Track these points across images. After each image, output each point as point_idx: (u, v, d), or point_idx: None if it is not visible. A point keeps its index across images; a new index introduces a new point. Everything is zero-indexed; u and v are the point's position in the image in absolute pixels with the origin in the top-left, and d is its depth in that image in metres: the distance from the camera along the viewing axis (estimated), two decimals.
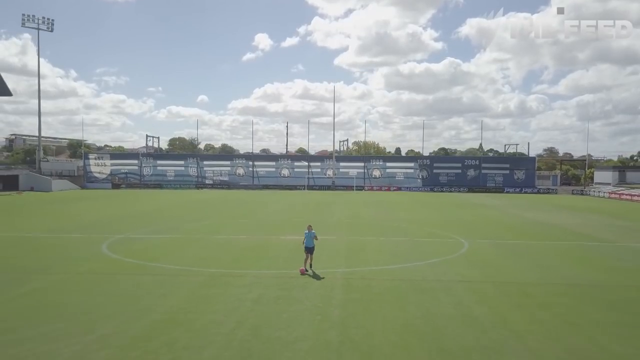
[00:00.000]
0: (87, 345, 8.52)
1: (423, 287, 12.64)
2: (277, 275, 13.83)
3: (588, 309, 10.95)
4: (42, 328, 9.38)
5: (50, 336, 8.92)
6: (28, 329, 9.34)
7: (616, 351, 8.51)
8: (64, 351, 8.23)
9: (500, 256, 17.39)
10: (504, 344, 8.76)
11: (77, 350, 8.29)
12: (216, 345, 8.54)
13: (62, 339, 8.76)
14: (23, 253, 17.44)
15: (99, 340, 8.73)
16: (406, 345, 8.66)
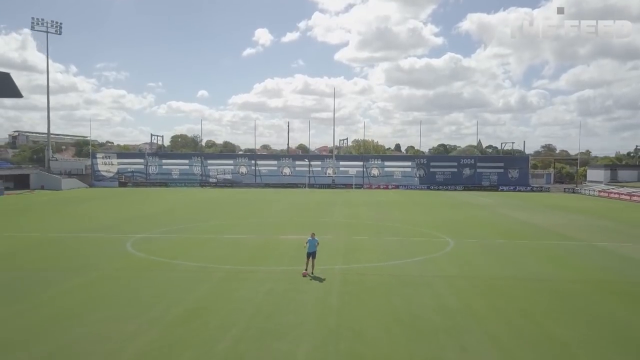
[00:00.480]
0: (139, 325, 10.92)
1: (407, 282, 15.03)
2: (285, 272, 16.20)
3: (540, 299, 13.34)
4: (100, 314, 11.77)
5: (108, 320, 11.31)
6: (90, 314, 11.73)
7: (554, 332, 10.88)
8: (123, 330, 10.63)
9: (478, 254, 19.78)
10: (465, 325, 11.14)
11: (133, 329, 10.69)
12: (240, 326, 10.93)
13: (119, 322, 11.15)
14: (60, 252, 19.82)
15: (148, 322, 11.13)
16: (389, 327, 11.04)
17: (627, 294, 14.09)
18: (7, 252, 19.68)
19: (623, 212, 39.98)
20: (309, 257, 15.64)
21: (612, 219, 33.84)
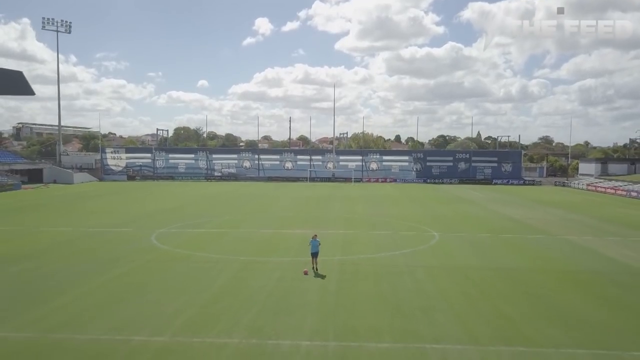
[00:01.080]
0: (177, 307, 13.87)
1: (394, 271, 17.98)
2: (291, 262, 19.15)
3: (501, 285, 16.30)
4: (142, 297, 14.73)
5: (150, 302, 14.26)
6: (135, 297, 14.70)
7: (505, 310, 13.81)
8: (165, 310, 13.56)
9: (458, 247, 22.74)
10: (438, 306, 14.09)
11: (173, 309, 13.63)
12: (258, 306, 13.88)
13: (160, 304, 14.11)
14: (96, 246, 22.77)
15: (184, 304, 14.09)
16: (376, 307, 13.99)
17: (575, 281, 17.03)
18: (48, 246, 22.63)
19: (602, 206, 42.89)
20: (312, 256, 17.72)
21: (588, 213, 36.75)
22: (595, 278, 17.46)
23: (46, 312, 13.35)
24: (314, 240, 17.91)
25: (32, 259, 19.77)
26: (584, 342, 11.47)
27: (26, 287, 15.82)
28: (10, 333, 11.87)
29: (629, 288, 16.25)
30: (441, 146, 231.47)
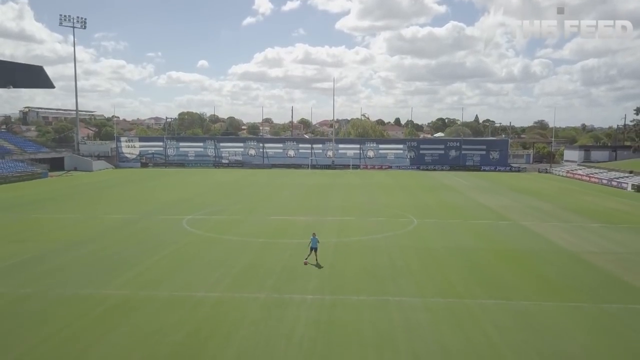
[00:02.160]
0: (219, 275, 19.61)
1: (375, 250, 23.72)
2: (298, 244, 24.83)
3: (454, 260, 22.02)
4: (189, 271, 20.46)
5: (196, 274, 19.99)
6: (183, 270, 20.43)
7: (450, 278, 19.52)
8: (209, 279, 19.27)
9: (430, 231, 28.47)
10: (403, 275, 19.82)
11: (217, 276, 19.37)
12: (276, 274, 19.59)
13: (204, 275, 19.84)
14: (140, 230, 28.51)
15: (223, 273, 19.83)
16: (358, 275, 19.72)
17: (511, 258, 22.75)
18: (102, 232, 28.33)
19: (570, 194, 48.55)
20: (311, 250, 20.94)
21: (552, 201, 42.37)
22: (528, 256, 23.18)
23: (129, 278, 19.13)
24: (313, 237, 21.40)
25: (96, 242, 25.49)
26: (494, 296, 17.23)
27: (105, 262, 21.57)
28: (111, 291, 17.63)
29: (549, 263, 21.96)
30: (440, 129, 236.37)
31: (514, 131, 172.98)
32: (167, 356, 12.66)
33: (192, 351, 12.91)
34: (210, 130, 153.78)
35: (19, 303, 16.50)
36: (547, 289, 18.20)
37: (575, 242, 25.97)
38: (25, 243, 25.21)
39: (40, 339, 13.55)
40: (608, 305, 16.39)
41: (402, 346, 13.21)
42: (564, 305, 16.44)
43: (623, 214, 36.59)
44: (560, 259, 22.56)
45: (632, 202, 43.64)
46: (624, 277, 19.62)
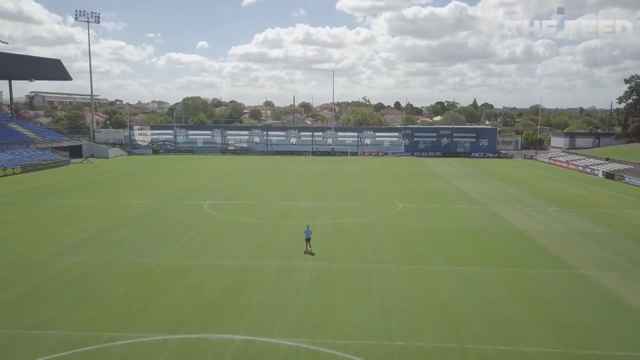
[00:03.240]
0: (242, 249, 25.49)
1: (363, 229, 29.54)
2: (301, 225, 30.60)
3: (425, 237, 27.85)
4: (217, 246, 26.36)
5: (223, 248, 25.89)
6: (212, 247, 26.33)
7: (418, 250, 25.39)
8: (233, 252, 25.15)
9: (411, 214, 34.27)
10: (382, 248, 25.67)
11: (240, 250, 25.25)
12: (286, 249, 25.45)
13: (230, 249, 25.72)
14: (170, 214, 34.31)
15: (245, 248, 25.71)
16: (348, 249, 25.57)
17: (471, 235, 28.54)
18: (137, 216, 34.11)
19: (545, 180, 54.23)
20: (306, 241, 24.66)
21: (525, 188, 48.04)
22: (485, 234, 28.99)
23: (173, 251, 25.01)
24: (307, 229, 24.87)
25: (137, 223, 31.35)
26: (449, 263, 23.07)
27: (150, 239, 27.43)
28: (162, 260, 23.49)
29: (499, 240, 27.76)
30: (439, 113, 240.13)
31: (510, 115, 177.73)
32: (212, 303, 18.52)
33: (229, 300, 18.79)
34: (214, 115, 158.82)
35: (95, 269, 22.37)
36: (490, 258, 24.08)
37: (527, 223, 31.80)
38: (79, 225, 31.05)
39: (117, 296, 19.43)
40: (530, 269, 22.23)
41: (376, 295, 19.10)
42: (499, 269, 22.30)
43: (582, 199, 42.33)
44: (509, 237, 28.41)
45: (597, 188, 49.34)
46: (551, 249, 25.48)
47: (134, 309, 17.76)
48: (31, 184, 48.75)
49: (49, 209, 36.18)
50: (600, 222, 32.57)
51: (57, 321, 16.65)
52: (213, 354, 14.42)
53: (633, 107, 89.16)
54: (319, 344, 14.91)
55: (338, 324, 16.32)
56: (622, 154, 71.09)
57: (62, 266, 22.57)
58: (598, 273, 21.83)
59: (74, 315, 17.10)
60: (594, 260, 23.85)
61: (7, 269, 22.13)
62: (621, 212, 36.34)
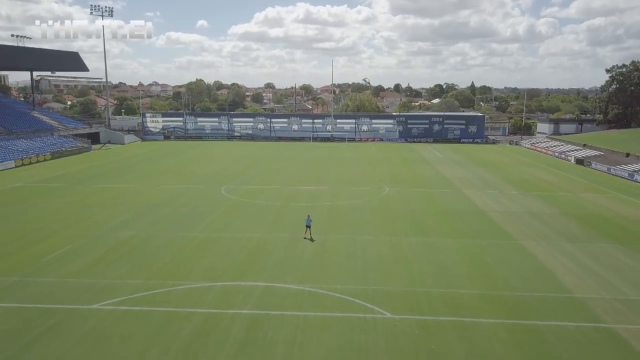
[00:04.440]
0: (257, 225, 32.32)
1: (354, 210, 36.33)
2: (306, 206, 37.38)
3: (403, 216, 34.63)
4: (237, 224, 33.19)
5: (244, 224, 32.71)
6: (234, 224, 33.16)
7: (395, 226, 32.18)
8: (251, 225, 31.97)
9: (395, 197, 40.99)
10: (368, 224, 32.45)
11: (256, 225, 32.06)
12: (293, 224, 32.22)
13: (247, 224, 32.55)
14: (194, 197, 41.04)
15: (258, 224, 32.53)
16: (341, 225, 32.37)
17: (440, 214, 35.29)
18: (167, 198, 40.83)
19: (520, 166, 60.81)
20: (306, 227, 29.21)
21: (498, 172, 54.68)
22: (452, 213, 35.73)
23: (203, 227, 31.83)
24: (308, 218, 29.79)
25: (168, 205, 38.09)
26: (418, 235, 29.84)
27: (183, 217, 34.21)
28: (196, 234, 30.31)
29: (463, 217, 34.49)
30: (437, 95, 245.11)
31: (505, 99, 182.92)
32: (240, 263, 25.32)
33: (252, 261, 25.62)
34: (218, 100, 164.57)
35: (146, 241, 29.17)
36: (451, 232, 30.88)
37: (489, 204, 38.56)
38: (120, 206, 37.82)
39: (168, 259, 26.28)
40: (480, 240, 29.03)
41: (359, 258, 25.91)
42: (456, 240, 29.10)
43: (545, 183, 49.00)
44: (472, 215, 35.20)
45: (564, 173, 55.97)
46: (502, 226, 32.28)
47: (183, 267, 24.63)
48: (65, 170, 55.47)
49: (89, 193, 42.92)
50: (552, 203, 39.29)
51: (131, 275, 23.50)
52: (245, 294, 21.28)
53: (614, 96, 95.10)
54: (317, 287, 21.79)
55: (330, 276, 23.19)
56: (598, 141, 77.44)
57: (120, 238, 29.39)
58: (531, 243, 28.64)
59: (141, 272, 23.95)
60: (532, 234, 30.66)
61: (79, 241, 28.95)
62: (574, 195, 43.04)
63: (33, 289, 21.67)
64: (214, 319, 18.81)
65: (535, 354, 16.50)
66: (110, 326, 18.31)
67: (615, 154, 66.68)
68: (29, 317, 18.96)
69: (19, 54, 77.35)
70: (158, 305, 20.06)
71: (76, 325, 18.31)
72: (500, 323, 18.58)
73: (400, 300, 20.48)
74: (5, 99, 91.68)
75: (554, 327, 18.33)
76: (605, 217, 35.27)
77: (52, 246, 27.69)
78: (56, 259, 25.57)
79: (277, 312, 19.37)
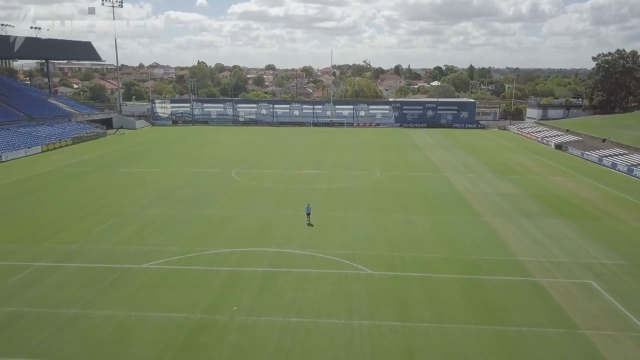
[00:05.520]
0: (266, 204, 38.23)
1: (349, 192, 42.20)
2: (307, 188, 43.17)
3: (390, 197, 40.48)
4: (248, 205, 39.10)
5: (253, 205, 38.62)
6: (249, 201, 39.08)
7: (380, 204, 38.07)
8: (262, 202, 37.90)
9: (385, 180, 46.79)
10: (359, 202, 38.36)
11: (265, 203, 37.97)
12: (294, 205, 38.07)
13: (258, 202, 38.48)
14: (208, 180, 46.86)
15: (266, 203, 38.45)
16: (336, 204, 38.25)
17: (421, 195, 41.15)
18: (186, 181, 46.63)
19: (503, 151, 66.43)
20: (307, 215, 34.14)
21: (481, 157, 60.32)
22: (432, 194, 41.58)
23: (220, 205, 37.75)
24: (308, 206, 34.03)
25: (188, 187, 43.91)
26: (400, 212, 35.74)
27: (202, 197, 40.08)
28: (215, 211, 36.21)
29: (440, 198, 40.34)
30: (436, 77, 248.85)
31: (501, 83, 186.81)
32: (254, 234, 31.24)
33: (263, 232, 31.55)
34: (221, 84, 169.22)
35: (173, 217, 35.09)
36: (429, 210, 36.78)
37: (466, 186, 44.40)
38: (145, 188, 43.68)
39: (194, 232, 32.24)
40: (451, 217, 34.93)
41: (350, 230, 31.83)
42: (431, 217, 34.98)
43: (521, 167, 54.72)
44: (449, 196, 41.07)
45: (541, 158, 61.62)
46: (473, 205, 38.16)
47: (208, 237, 30.60)
48: (88, 155, 61.27)
49: (115, 176, 48.76)
50: (521, 185, 45.09)
51: (166, 243, 29.45)
52: (259, 257, 27.25)
53: (600, 83, 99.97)
54: (315, 252, 27.75)
55: (326, 243, 29.14)
56: (581, 126, 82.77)
57: (151, 215, 35.30)
58: (493, 219, 34.54)
59: (174, 241, 29.90)
60: (496, 211, 36.56)
61: (117, 217, 34.87)
62: (543, 178, 48.81)
63: (92, 254, 27.67)
64: (237, 274, 24.84)
65: (476, 298, 22.48)
66: (158, 280, 24.32)
67: (593, 140, 72.20)
68: (95, 274, 24.98)
69: (35, 45, 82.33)
70: (192, 265, 26.07)
71: (133, 279, 24.33)
72: (454, 277, 24.57)
73: (379, 261, 26.46)
74: (22, 86, 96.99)
75: (494, 280, 24.33)
76: (563, 197, 41.11)
77: (96, 222, 33.62)
78: (103, 232, 31.54)
79: (285, 269, 25.38)
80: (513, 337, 19.03)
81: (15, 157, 59.15)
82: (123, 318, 20.34)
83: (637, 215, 36.02)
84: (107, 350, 18.07)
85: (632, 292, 23.04)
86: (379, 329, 19.49)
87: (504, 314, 20.92)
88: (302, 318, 20.29)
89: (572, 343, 18.65)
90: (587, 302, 21.98)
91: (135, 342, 18.57)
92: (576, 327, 19.79)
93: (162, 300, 22.06)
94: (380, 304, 21.55)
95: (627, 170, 51.68)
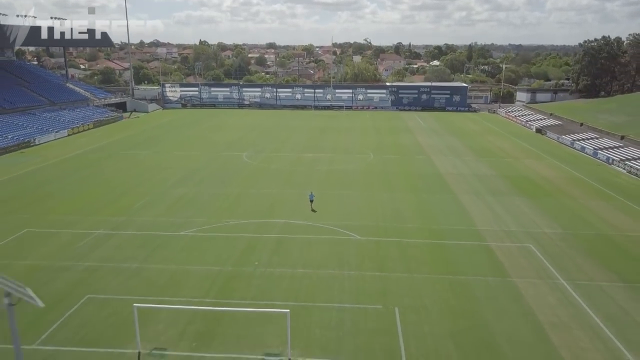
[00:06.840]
0: (275, 184, 45.10)
1: (345, 173, 49.00)
2: (309, 170, 49.93)
3: (380, 177, 47.26)
4: (260, 184, 45.95)
5: (264, 184, 45.48)
6: (260, 181, 45.96)
7: (373, 184, 44.87)
8: (270, 183, 44.75)
9: (377, 162, 53.52)
10: (355, 182, 45.20)
11: (274, 185, 44.84)
12: (300, 184, 44.90)
13: (270, 184, 45.33)
14: (222, 163, 53.59)
15: (276, 183, 45.30)
16: (335, 183, 45.09)
17: (408, 176, 47.93)
18: (204, 164, 53.36)
19: (487, 134, 72.87)
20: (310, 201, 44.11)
21: (466, 140, 66.79)
22: (416, 175, 48.33)
23: (236, 184, 44.63)
24: (310, 193, 38.99)
25: (204, 170, 50.68)
26: (387, 191, 42.58)
27: (219, 178, 46.90)
28: (231, 190, 43.09)
29: (423, 178, 47.11)
30: (436, 57, 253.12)
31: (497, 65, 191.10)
32: (266, 209, 38.14)
33: (274, 207, 38.46)
34: (224, 65, 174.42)
35: (197, 195, 41.96)
36: (412, 189, 43.61)
37: (447, 168, 51.14)
38: (169, 170, 50.46)
39: (216, 207, 39.17)
40: (430, 195, 41.77)
41: (344, 206, 38.71)
42: (413, 195, 41.82)
43: (500, 150, 61.30)
44: (430, 176, 47.86)
45: (520, 141, 68.12)
46: (450, 184, 44.96)
47: (229, 211, 37.55)
48: (111, 138, 67.96)
49: (140, 159, 55.53)
50: (495, 167, 51.80)
51: (195, 217, 36.37)
52: (272, 226, 34.22)
53: (585, 68, 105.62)
54: (316, 223, 34.71)
55: (325, 216, 36.07)
56: (565, 110, 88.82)
57: (178, 194, 42.17)
58: (465, 196, 41.39)
59: (201, 214, 36.84)
60: (469, 190, 43.39)
61: (150, 195, 41.72)
62: (516, 161, 55.47)
63: (139, 224, 34.66)
64: (255, 239, 31.85)
65: (439, 257, 29.45)
66: (194, 244, 31.33)
67: (572, 124, 78.51)
68: (144, 239, 31.99)
69: (55, 34, 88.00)
70: (219, 232, 33.08)
71: (174, 243, 31.35)
72: (424, 242, 31.55)
73: (366, 230, 33.43)
74: (40, 71, 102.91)
75: (455, 244, 31.31)
76: (530, 178, 47.87)
77: (134, 199, 40.54)
78: (142, 207, 38.50)
79: (292, 235, 32.40)
80: (461, 282, 26.08)
81: (47, 140, 65.85)
82: (173, 270, 27.39)
83: (586, 192, 42.88)
84: (166, 291, 25.14)
85: (560, 253, 30.02)
86: (363, 277, 26.54)
87: (457, 267, 27.93)
88: (306, 269, 27.34)
89: (503, 286, 25.72)
90: (522, 260, 28.99)
91: (185, 287, 25.63)
92: (509, 276, 26.83)
93: (200, 258, 29.09)
94: (364, 260, 28.60)
95: (593, 153, 58.28)
